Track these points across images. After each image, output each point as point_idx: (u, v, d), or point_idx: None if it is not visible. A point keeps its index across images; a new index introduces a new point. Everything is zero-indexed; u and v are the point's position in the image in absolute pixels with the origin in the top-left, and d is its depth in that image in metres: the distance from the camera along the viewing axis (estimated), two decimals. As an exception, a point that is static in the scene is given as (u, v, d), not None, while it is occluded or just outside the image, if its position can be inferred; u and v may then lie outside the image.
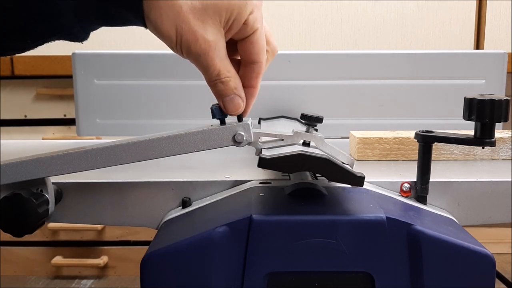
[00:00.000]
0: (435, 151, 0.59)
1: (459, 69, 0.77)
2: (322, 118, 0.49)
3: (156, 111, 0.77)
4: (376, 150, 0.60)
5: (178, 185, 0.51)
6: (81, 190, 0.52)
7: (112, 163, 0.45)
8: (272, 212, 0.42)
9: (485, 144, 0.47)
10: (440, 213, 0.49)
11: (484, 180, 0.51)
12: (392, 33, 1.37)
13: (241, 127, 0.46)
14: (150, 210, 0.52)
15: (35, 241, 1.65)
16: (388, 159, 0.61)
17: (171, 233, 0.45)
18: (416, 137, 0.49)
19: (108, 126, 0.79)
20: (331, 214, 0.42)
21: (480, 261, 0.41)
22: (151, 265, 0.41)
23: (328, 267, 0.41)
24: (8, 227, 0.45)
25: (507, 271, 1.56)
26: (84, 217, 0.52)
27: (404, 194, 0.50)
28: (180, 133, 0.46)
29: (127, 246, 1.66)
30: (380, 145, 0.61)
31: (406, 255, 0.41)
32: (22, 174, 0.45)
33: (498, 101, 0.45)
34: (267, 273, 0.41)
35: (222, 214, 0.44)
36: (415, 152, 0.57)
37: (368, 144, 0.60)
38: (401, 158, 0.61)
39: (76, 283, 1.63)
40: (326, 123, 0.52)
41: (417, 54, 0.76)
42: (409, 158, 0.61)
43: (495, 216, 0.51)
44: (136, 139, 0.46)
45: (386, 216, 0.41)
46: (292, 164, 0.42)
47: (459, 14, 1.37)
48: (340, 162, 0.43)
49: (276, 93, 0.76)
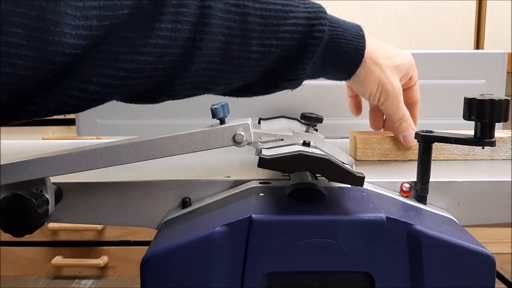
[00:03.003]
0: (435, 151, 0.59)
1: (459, 69, 0.76)
2: (322, 118, 0.49)
3: (156, 111, 0.77)
4: (376, 150, 0.60)
5: (178, 185, 0.51)
6: (81, 190, 0.52)
7: (112, 163, 0.45)
8: (272, 212, 0.42)
9: (485, 144, 0.47)
10: (440, 213, 0.49)
11: (484, 180, 0.51)
12: (392, 33, 1.37)
13: (241, 127, 0.46)
14: (150, 210, 0.52)
15: (35, 241, 1.65)
16: (388, 159, 0.61)
17: (171, 233, 0.45)
18: (416, 137, 0.49)
19: (108, 126, 0.79)
20: (331, 214, 0.42)
21: (480, 261, 0.41)
22: (151, 265, 0.41)
23: (328, 267, 0.41)
24: (8, 227, 0.45)
25: (507, 271, 1.56)
26: (84, 217, 0.52)
27: (404, 194, 0.50)
28: (180, 133, 0.46)
29: (127, 246, 1.66)
30: (380, 145, 0.61)
31: (406, 255, 0.41)
32: (22, 174, 0.45)
33: (498, 101, 0.45)
34: (267, 273, 0.41)
35: (222, 214, 0.44)
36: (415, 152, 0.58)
37: (368, 144, 0.60)
38: (401, 158, 0.61)
39: (76, 283, 1.63)
40: (326, 123, 0.52)
41: (417, 54, 0.76)
42: (409, 158, 0.61)
43: (495, 216, 0.51)
44: (136, 139, 0.46)
45: (386, 216, 0.41)
46: (292, 164, 0.42)
47: (459, 14, 1.37)
48: (340, 162, 0.43)
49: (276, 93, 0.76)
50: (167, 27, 0.42)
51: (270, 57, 0.50)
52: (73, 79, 0.39)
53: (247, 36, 0.47)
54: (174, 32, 0.42)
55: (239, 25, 0.46)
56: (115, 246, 1.66)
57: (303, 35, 0.50)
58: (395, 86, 0.57)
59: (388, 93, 0.57)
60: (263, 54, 0.49)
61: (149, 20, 0.41)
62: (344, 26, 0.54)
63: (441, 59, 0.76)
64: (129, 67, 0.41)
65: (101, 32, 0.38)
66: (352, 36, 0.54)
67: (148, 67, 0.42)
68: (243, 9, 0.46)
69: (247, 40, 0.47)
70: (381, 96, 0.58)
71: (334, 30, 0.53)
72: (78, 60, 0.38)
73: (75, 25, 0.36)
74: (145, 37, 0.41)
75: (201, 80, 0.48)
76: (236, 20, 0.46)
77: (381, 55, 0.57)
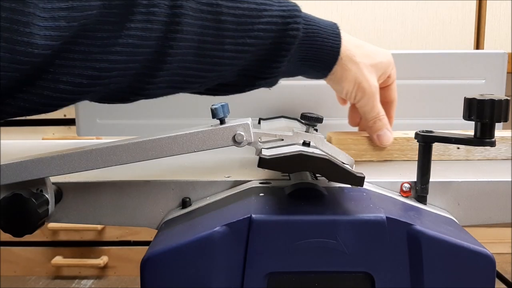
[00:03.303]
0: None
1: (459, 69, 0.76)
2: (322, 118, 0.49)
3: (156, 111, 0.77)
4: (351, 151, 0.60)
5: (178, 185, 0.51)
6: (81, 190, 0.52)
7: (112, 163, 0.45)
8: (272, 212, 0.42)
9: (485, 144, 0.47)
10: (440, 213, 0.49)
11: (484, 180, 0.51)
12: (392, 33, 1.37)
13: (241, 127, 0.46)
14: (150, 210, 0.52)
15: (35, 241, 1.65)
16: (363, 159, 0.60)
17: (171, 233, 0.45)
18: (416, 137, 0.49)
19: (108, 126, 0.79)
20: (331, 214, 0.42)
21: (480, 261, 0.41)
22: (151, 265, 0.41)
23: (328, 267, 0.41)
24: (8, 227, 0.45)
25: (507, 271, 1.56)
26: (84, 217, 0.52)
27: (404, 194, 0.50)
28: (180, 133, 0.46)
29: (127, 246, 1.66)
30: (355, 146, 0.60)
31: (406, 255, 0.41)
32: (22, 174, 0.45)
33: (498, 101, 0.45)
34: (267, 273, 0.41)
35: (222, 214, 0.44)
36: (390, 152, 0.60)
37: (344, 145, 0.60)
38: (376, 159, 0.61)
39: (76, 283, 1.63)
40: (326, 123, 0.52)
41: (417, 54, 0.76)
42: (384, 158, 0.61)
43: (495, 216, 0.51)
44: (136, 139, 0.46)
45: (386, 216, 0.41)
46: (292, 164, 0.42)
47: (459, 14, 1.36)
48: (340, 162, 0.43)
49: (276, 93, 0.76)
50: (137, 26, 0.42)
51: (245, 55, 0.50)
52: (44, 79, 0.40)
53: (220, 35, 0.47)
54: (145, 32, 0.43)
55: (212, 24, 0.47)
56: (115, 246, 1.66)
57: (278, 34, 0.50)
58: (371, 84, 0.57)
59: (364, 91, 0.57)
60: (238, 53, 0.49)
61: (119, 20, 0.42)
62: (319, 24, 0.54)
63: (441, 59, 0.76)
64: (100, 67, 0.42)
65: (70, 33, 0.39)
66: (328, 34, 0.54)
67: (119, 66, 0.43)
68: (216, 8, 0.47)
69: (220, 39, 0.48)
70: (357, 94, 0.58)
71: (309, 28, 0.53)
72: (49, 60, 0.39)
73: (43, 26, 0.37)
74: (116, 37, 0.42)
75: (175, 79, 0.48)
76: (209, 19, 0.46)
77: (358, 53, 0.56)
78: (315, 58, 0.55)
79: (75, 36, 0.40)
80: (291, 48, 0.51)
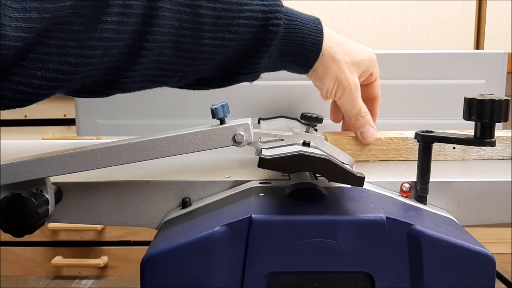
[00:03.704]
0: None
1: (459, 69, 0.76)
2: (322, 118, 0.49)
3: (156, 111, 0.77)
4: (347, 151, 0.60)
5: (178, 185, 0.51)
6: (81, 190, 0.52)
7: (112, 163, 0.45)
8: (272, 212, 0.42)
9: (485, 144, 0.47)
10: (440, 213, 0.49)
11: (484, 180, 0.51)
12: (392, 33, 1.37)
13: (241, 127, 0.46)
14: (150, 210, 0.52)
15: (35, 241, 1.65)
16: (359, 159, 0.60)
17: (171, 233, 0.45)
18: (416, 137, 0.49)
19: (108, 126, 0.79)
20: (331, 214, 0.42)
21: (480, 261, 0.41)
22: (151, 265, 0.41)
23: (328, 267, 0.41)
24: (8, 227, 0.45)
25: (507, 271, 1.56)
26: (84, 217, 0.52)
27: (404, 194, 0.50)
28: (180, 133, 0.46)
29: (127, 246, 1.66)
30: (351, 146, 0.60)
31: (406, 255, 0.41)
32: (22, 174, 0.45)
33: (498, 101, 0.45)
34: (267, 273, 0.41)
35: (222, 214, 0.44)
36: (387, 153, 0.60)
37: (340, 145, 0.60)
38: (372, 159, 0.61)
39: (76, 283, 1.63)
40: (326, 123, 0.52)
41: (417, 54, 0.76)
42: (380, 159, 0.61)
43: (495, 216, 0.51)
44: (136, 139, 0.46)
45: (386, 216, 0.41)
46: (292, 164, 0.42)
47: (459, 14, 1.36)
48: (340, 162, 0.43)
49: (276, 93, 0.76)
50: (113, 20, 0.42)
51: (224, 50, 0.49)
52: (18, 74, 0.39)
53: (199, 29, 0.47)
54: (121, 25, 0.42)
55: (190, 17, 0.46)
56: (115, 246, 1.66)
57: (258, 29, 0.50)
58: (351, 82, 0.57)
59: (344, 89, 0.57)
60: (217, 48, 0.49)
61: (95, 13, 0.41)
62: (301, 19, 0.54)
63: (441, 59, 0.76)
64: (75, 61, 0.41)
65: (43, 25, 0.38)
66: (310, 30, 0.54)
67: (94, 60, 0.42)
68: (194, 1, 0.46)
69: (199, 33, 0.47)
70: (337, 91, 0.58)
71: (291, 24, 0.53)
72: (22, 54, 0.39)
73: (14, 17, 0.36)
74: (91, 30, 0.41)
75: (151, 73, 0.48)
76: (187, 12, 0.46)
77: (340, 50, 0.56)
78: (297, 54, 0.54)
79: (48, 29, 0.39)
80: (272, 44, 0.51)
